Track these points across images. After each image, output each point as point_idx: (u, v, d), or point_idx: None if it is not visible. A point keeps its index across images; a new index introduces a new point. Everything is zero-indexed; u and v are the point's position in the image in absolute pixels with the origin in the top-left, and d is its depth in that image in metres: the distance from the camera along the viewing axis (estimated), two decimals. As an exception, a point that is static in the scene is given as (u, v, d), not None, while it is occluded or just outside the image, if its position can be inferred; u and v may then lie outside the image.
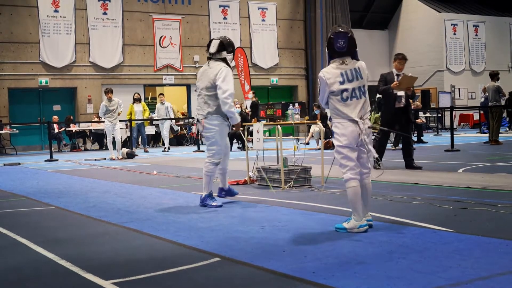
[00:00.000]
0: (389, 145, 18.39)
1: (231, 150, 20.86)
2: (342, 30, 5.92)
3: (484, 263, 4.22)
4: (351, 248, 4.88)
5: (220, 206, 7.46)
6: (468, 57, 35.17)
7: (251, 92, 24.36)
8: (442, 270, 4.07)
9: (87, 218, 7.09)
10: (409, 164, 11.32)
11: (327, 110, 5.58)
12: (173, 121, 24.70)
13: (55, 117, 24.39)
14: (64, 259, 4.84)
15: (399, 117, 11.14)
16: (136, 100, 21.50)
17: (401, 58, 11.18)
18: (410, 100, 19.44)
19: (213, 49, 7.69)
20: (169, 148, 22.03)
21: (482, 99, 25.43)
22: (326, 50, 5.89)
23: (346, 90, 5.72)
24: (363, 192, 5.76)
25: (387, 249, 4.79)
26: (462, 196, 7.47)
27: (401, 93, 11.01)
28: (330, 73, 5.77)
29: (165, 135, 22.46)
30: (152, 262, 4.69)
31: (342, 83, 5.73)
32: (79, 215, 7.34)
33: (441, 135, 25.41)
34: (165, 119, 22.15)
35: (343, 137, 5.68)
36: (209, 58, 7.74)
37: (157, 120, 22.69)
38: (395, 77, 11.06)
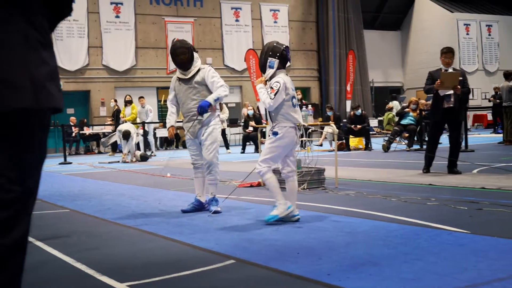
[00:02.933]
0: (403, 146, 18.36)
1: (244, 152, 20.61)
2: (286, 45, 6.73)
3: (500, 264, 4.19)
4: (366, 250, 4.86)
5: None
6: (482, 57, 35.04)
7: (112, 100, 23.94)
8: (458, 272, 4.04)
9: (102, 221, 7.11)
10: (450, 169, 10.44)
11: (281, 110, 6.23)
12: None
13: (73, 118, 24.43)
14: (79, 262, 4.86)
15: (448, 118, 10.32)
16: (127, 102, 20.76)
17: (446, 52, 10.39)
18: (423, 101, 19.41)
19: None
20: (155, 154, 21.33)
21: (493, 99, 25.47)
22: (276, 60, 6.48)
23: (294, 97, 6.51)
24: (293, 189, 6.49)
25: (402, 250, 4.77)
26: (477, 197, 7.43)
27: (448, 91, 10.15)
28: (286, 79, 6.47)
29: (150, 139, 21.90)
30: (167, 265, 4.69)
31: (292, 90, 6.52)
32: (94, 217, 7.37)
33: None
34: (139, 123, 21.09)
35: (286, 139, 6.33)
36: None
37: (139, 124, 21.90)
38: None
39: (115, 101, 23.75)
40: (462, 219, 6.09)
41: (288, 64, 6.86)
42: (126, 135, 17.80)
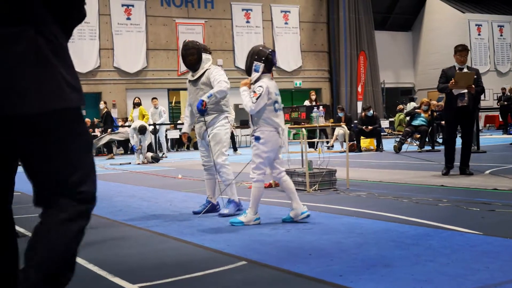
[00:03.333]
0: (415, 147, 18.31)
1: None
2: (273, 49, 6.80)
3: (513, 266, 4.19)
4: (378, 251, 4.86)
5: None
6: (493, 58, 34.92)
7: (102, 102, 23.76)
8: (470, 273, 4.04)
9: (114, 222, 7.14)
10: (462, 170, 10.34)
11: (263, 115, 6.36)
12: (166, 126, 23.69)
13: (87, 120, 24.47)
14: (91, 263, 4.88)
15: (462, 117, 10.15)
16: (136, 104, 20.30)
17: (461, 50, 10.18)
18: (435, 102, 19.34)
19: None
20: (166, 156, 21.26)
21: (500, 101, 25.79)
22: (261, 64, 6.52)
23: (277, 101, 6.53)
24: (289, 188, 6.55)
25: (414, 252, 4.76)
26: (489, 198, 7.41)
27: (462, 90, 9.98)
28: (270, 84, 6.50)
29: (162, 140, 21.98)
30: (178, 266, 4.71)
31: (276, 94, 6.52)
32: (106, 219, 7.39)
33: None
34: (158, 124, 21.46)
35: (270, 143, 6.43)
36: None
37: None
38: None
39: (105, 103, 23.67)
40: (474, 220, 6.07)
41: (274, 68, 6.96)
42: (143, 129, 17.87)
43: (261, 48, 6.67)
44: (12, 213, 2.97)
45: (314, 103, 19.80)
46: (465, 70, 10.16)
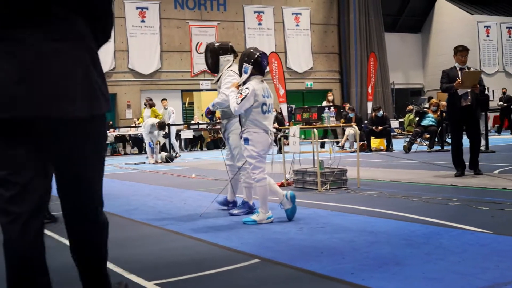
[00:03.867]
0: (424, 147, 18.32)
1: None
2: (263, 52, 6.88)
3: (522, 264, 4.22)
4: (389, 250, 4.91)
5: None
6: (502, 59, 34.81)
7: None
8: (480, 272, 4.08)
9: (129, 221, 7.24)
10: (471, 168, 10.27)
11: (250, 116, 6.45)
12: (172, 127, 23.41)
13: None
14: (107, 261, 4.95)
15: (466, 117, 10.03)
16: (147, 104, 20.19)
17: (462, 50, 10.13)
18: (444, 103, 19.36)
19: None
20: (179, 155, 21.38)
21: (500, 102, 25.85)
22: (250, 66, 6.66)
23: (265, 104, 6.63)
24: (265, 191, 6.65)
25: (425, 250, 4.81)
26: (498, 198, 7.44)
27: (467, 89, 9.94)
28: (257, 86, 6.60)
29: (173, 140, 22.06)
30: (193, 264, 4.78)
31: (264, 96, 6.61)
32: (121, 217, 7.49)
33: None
34: (168, 125, 21.26)
35: (259, 144, 6.56)
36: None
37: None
38: (459, 72, 10.00)
39: None
40: (484, 219, 6.10)
41: (267, 70, 7.02)
42: (163, 125, 18.04)
43: (251, 50, 6.81)
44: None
45: (331, 104, 19.78)
46: (472, 69, 10.19)
